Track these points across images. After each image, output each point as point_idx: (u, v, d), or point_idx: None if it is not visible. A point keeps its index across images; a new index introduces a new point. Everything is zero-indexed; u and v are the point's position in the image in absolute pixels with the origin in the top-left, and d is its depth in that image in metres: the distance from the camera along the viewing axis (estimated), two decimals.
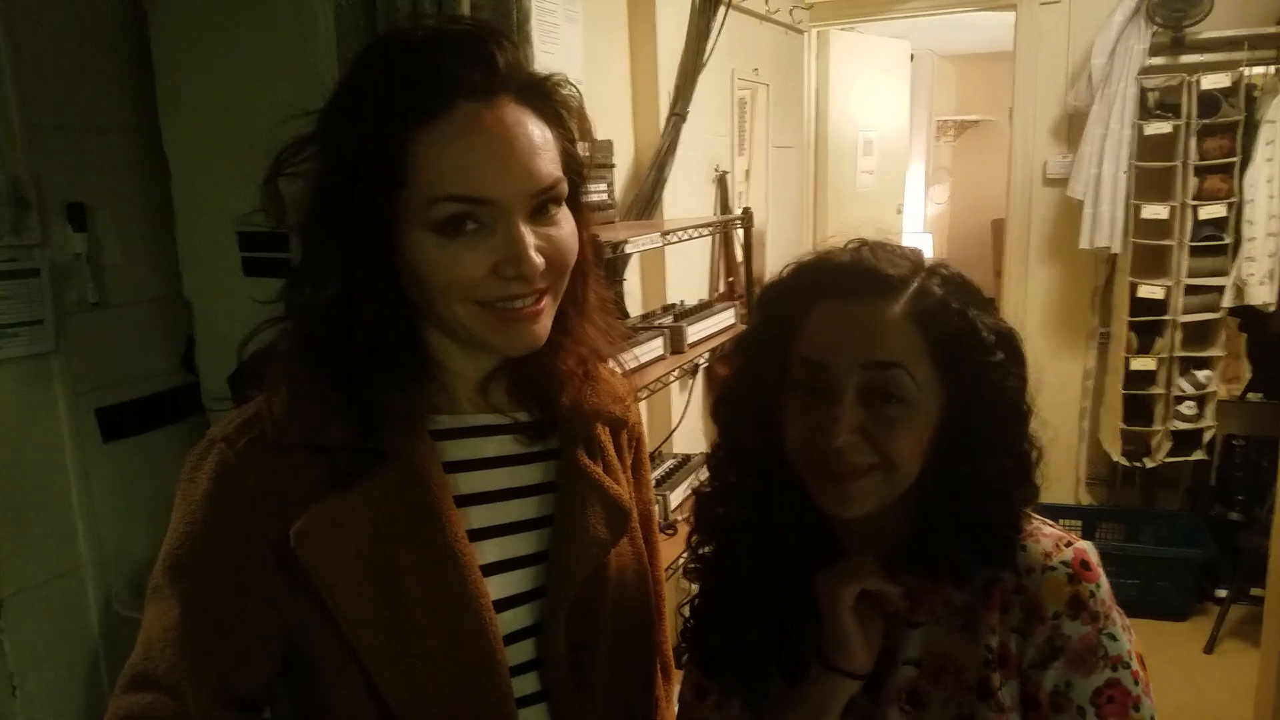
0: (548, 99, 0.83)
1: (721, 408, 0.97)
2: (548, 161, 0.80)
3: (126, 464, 1.90)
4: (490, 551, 0.88)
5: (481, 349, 0.87)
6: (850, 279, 0.87)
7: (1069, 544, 0.87)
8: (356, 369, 0.81)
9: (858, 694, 0.88)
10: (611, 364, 1.00)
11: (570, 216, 0.84)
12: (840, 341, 0.85)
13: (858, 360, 0.84)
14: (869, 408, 0.84)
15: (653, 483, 1.07)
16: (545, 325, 0.84)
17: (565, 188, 0.82)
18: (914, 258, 0.89)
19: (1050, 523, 0.91)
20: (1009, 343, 0.88)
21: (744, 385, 0.95)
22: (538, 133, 0.80)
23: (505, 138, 0.77)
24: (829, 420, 0.83)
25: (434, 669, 0.81)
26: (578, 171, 0.86)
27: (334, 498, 0.80)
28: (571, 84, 0.86)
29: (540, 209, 0.80)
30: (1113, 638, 0.84)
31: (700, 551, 1.01)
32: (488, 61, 0.78)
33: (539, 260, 0.79)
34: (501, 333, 0.82)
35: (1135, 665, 0.84)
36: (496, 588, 0.86)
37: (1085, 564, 0.85)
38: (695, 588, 1.02)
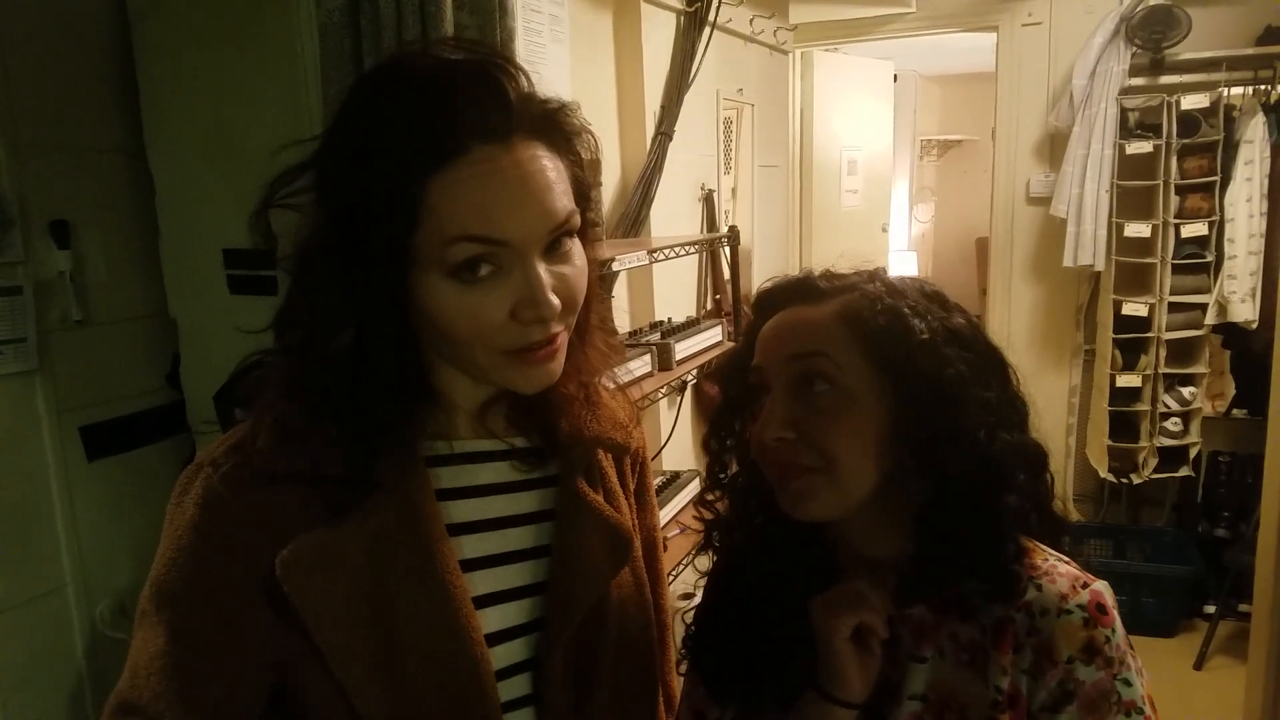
0: (559, 129, 0.81)
1: (710, 435, 0.99)
2: (561, 195, 0.78)
3: (111, 482, 1.88)
4: (484, 582, 0.85)
5: (489, 382, 0.85)
6: (791, 291, 0.91)
7: (1085, 585, 0.84)
8: (356, 403, 0.79)
9: None
10: (609, 382, 0.98)
11: (581, 249, 0.82)
12: (770, 342, 0.89)
13: (783, 355, 0.87)
14: (801, 401, 0.85)
15: (658, 507, 1.06)
16: (561, 361, 0.82)
17: (578, 220, 0.80)
18: (862, 274, 0.91)
19: (1066, 559, 0.88)
20: (957, 335, 0.86)
21: (723, 410, 0.97)
22: (551, 167, 0.78)
23: (521, 179, 0.75)
24: (764, 415, 0.86)
25: (423, 706, 0.79)
26: (585, 197, 0.85)
27: (324, 528, 0.78)
28: (579, 112, 0.84)
29: (554, 244, 0.79)
30: (1127, 683, 0.81)
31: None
32: (503, 101, 0.75)
33: (556, 302, 0.77)
34: (521, 374, 0.80)
35: (1148, 710, 0.82)
36: (491, 620, 0.84)
37: (1101, 607, 0.83)
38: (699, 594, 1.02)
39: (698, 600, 1.03)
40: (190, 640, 0.77)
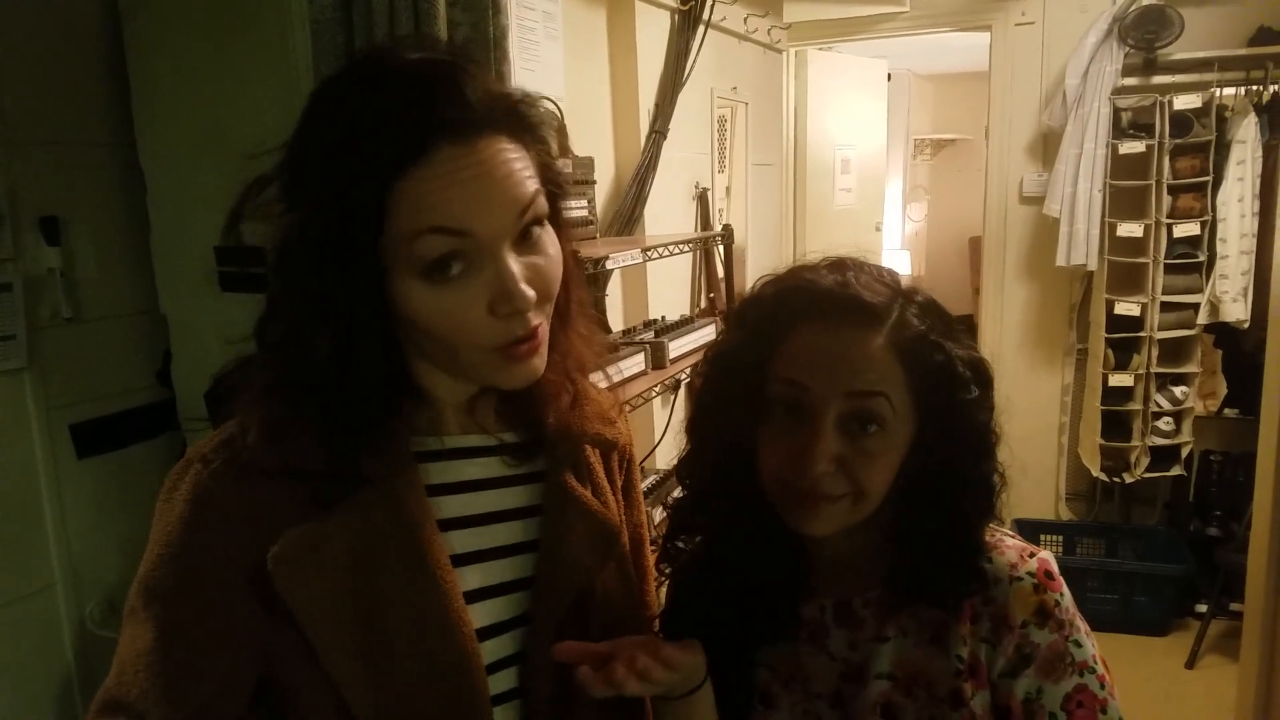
0: (522, 121, 0.81)
1: (697, 422, 0.97)
2: (525, 181, 0.78)
3: (101, 480, 1.88)
4: (473, 577, 0.86)
5: (474, 380, 0.85)
6: (834, 304, 0.87)
7: (1032, 555, 0.90)
8: (340, 399, 0.79)
9: (827, 712, 0.91)
10: (600, 381, 0.98)
11: (554, 238, 0.82)
12: (824, 366, 0.86)
13: (842, 388, 0.84)
14: (847, 436, 0.85)
15: (644, 504, 1.06)
16: (544, 355, 0.83)
17: (545, 203, 0.81)
18: (891, 282, 0.90)
19: (1011, 534, 0.94)
20: (981, 374, 0.89)
21: (719, 401, 0.95)
22: (516, 158, 0.78)
23: (485, 174, 0.75)
24: (807, 448, 0.84)
25: (414, 701, 0.80)
26: (556, 184, 0.85)
27: (312, 523, 0.78)
28: (547, 99, 0.84)
29: (524, 234, 0.79)
30: (1078, 644, 0.88)
31: (666, 566, 1.03)
32: (463, 101, 0.75)
33: (530, 293, 0.77)
34: (505, 371, 0.81)
35: (1100, 669, 0.88)
36: (479, 615, 0.85)
37: (1049, 574, 0.89)
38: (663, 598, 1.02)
39: None
40: (178, 637, 0.77)
